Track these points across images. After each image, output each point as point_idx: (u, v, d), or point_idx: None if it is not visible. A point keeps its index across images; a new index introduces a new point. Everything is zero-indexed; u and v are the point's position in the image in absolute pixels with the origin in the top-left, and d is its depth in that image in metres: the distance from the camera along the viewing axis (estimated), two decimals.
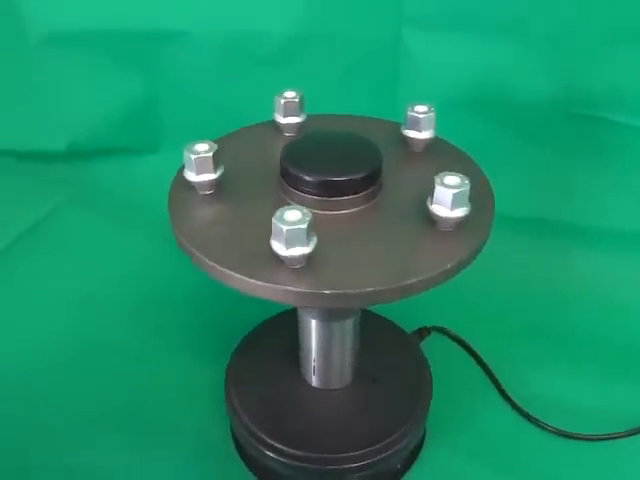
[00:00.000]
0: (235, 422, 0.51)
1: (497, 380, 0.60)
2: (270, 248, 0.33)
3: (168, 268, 0.72)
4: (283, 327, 0.55)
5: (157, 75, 0.80)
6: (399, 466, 0.52)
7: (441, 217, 0.36)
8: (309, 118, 0.49)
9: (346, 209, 0.39)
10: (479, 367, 0.61)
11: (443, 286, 0.37)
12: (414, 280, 0.33)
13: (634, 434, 0.54)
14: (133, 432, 0.55)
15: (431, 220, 0.37)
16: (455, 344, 0.64)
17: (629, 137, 0.66)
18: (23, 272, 0.74)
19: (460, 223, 0.37)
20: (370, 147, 0.41)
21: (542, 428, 0.55)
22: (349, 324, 0.49)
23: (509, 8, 0.62)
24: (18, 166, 0.90)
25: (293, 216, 0.33)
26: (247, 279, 0.34)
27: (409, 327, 0.61)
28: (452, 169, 0.37)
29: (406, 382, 0.54)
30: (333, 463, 0.48)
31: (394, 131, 0.47)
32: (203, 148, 0.39)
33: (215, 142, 0.41)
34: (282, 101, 0.47)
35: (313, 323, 0.48)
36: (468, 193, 0.35)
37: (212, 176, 0.40)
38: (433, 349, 0.59)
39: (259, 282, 0.33)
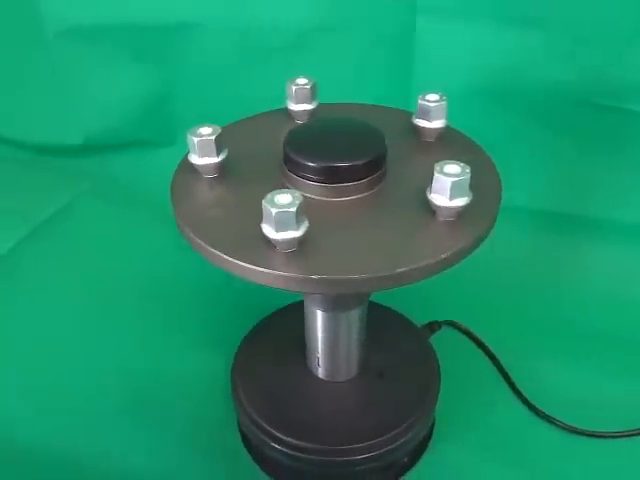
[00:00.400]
0: (241, 413, 0.52)
1: (508, 374, 0.59)
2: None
3: (183, 261, 0.71)
4: (291, 319, 0.54)
5: (173, 68, 0.80)
6: (406, 460, 0.52)
7: (440, 206, 0.35)
8: (321, 106, 0.48)
9: (347, 196, 0.38)
10: (490, 361, 0.61)
11: (454, 280, 0.36)
12: (405, 269, 0.32)
13: None
14: (140, 423, 0.55)
15: (431, 210, 0.36)
16: (466, 338, 0.63)
17: None
18: (40, 263, 0.75)
19: (461, 213, 0.36)
20: (374, 134, 0.41)
21: (552, 423, 0.55)
22: (355, 315, 0.48)
23: None
24: (35, 159, 0.92)
25: (283, 199, 0.32)
26: (237, 262, 0.34)
27: (421, 320, 0.60)
28: (460, 159, 0.35)
29: (413, 375, 0.53)
30: (339, 455, 0.48)
31: (406, 120, 0.46)
32: (206, 131, 0.40)
33: (225, 127, 0.41)
34: (294, 88, 0.47)
35: (319, 314, 0.48)
36: (468, 182, 0.34)
37: (215, 159, 0.40)
38: (444, 343, 0.58)
39: (249, 265, 0.33)
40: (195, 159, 0.40)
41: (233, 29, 0.74)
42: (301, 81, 0.47)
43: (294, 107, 0.48)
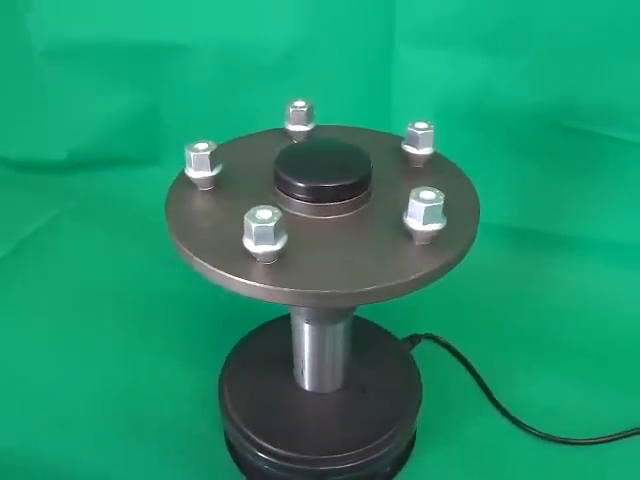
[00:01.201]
0: (226, 422, 0.53)
1: (487, 386, 0.60)
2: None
3: (167, 279, 0.73)
4: (279, 331, 0.56)
5: (158, 87, 0.82)
6: (388, 469, 0.53)
7: (415, 230, 0.37)
8: (317, 128, 0.51)
9: (330, 215, 0.40)
10: (469, 374, 0.62)
11: (434, 295, 0.37)
12: (373, 287, 0.34)
13: (620, 438, 0.55)
14: (123, 437, 0.56)
15: (408, 233, 0.38)
16: (445, 351, 0.65)
17: (619, 150, 0.68)
18: (22, 281, 0.75)
19: (436, 237, 0.37)
20: (361, 157, 0.43)
21: (531, 433, 0.56)
22: (340, 329, 0.50)
23: (501, 24, 0.64)
24: (19, 175, 0.92)
25: (264, 215, 0.35)
26: (220, 272, 0.36)
27: (401, 334, 0.62)
28: (443, 185, 0.37)
29: (396, 387, 0.55)
30: (323, 464, 0.49)
31: (398, 146, 0.48)
32: (203, 147, 0.42)
33: (225, 143, 0.43)
34: (291, 109, 0.49)
35: (305, 327, 0.49)
36: (441, 208, 0.36)
37: (209, 173, 0.42)
38: (424, 356, 0.60)
39: (230, 275, 0.35)
40: (191, 172, 0.43)
41: (218, 48, 0.76)
42: (298, 103, 0.49)
43: (291, 127, 0.50)
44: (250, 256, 0.36)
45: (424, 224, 0.36)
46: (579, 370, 0.62)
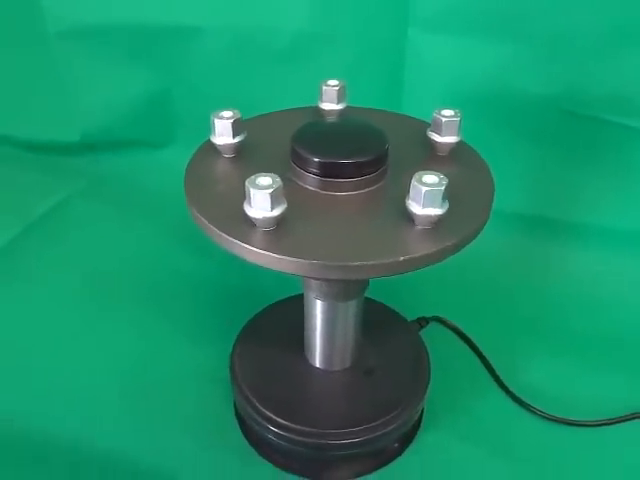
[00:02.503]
0: (237, 394, 0.54)
1: (493, 368, 0.62)
2: None
3: (178, 259, 0.74)
4: (291, 310, 0.57)
5: (171, 69, 0.82)
6: (397, 445, 0.54)
7: (414, 213, 0.37)
8: (347, 108, 0.51)
9: (341, 192, 0.41)
10: (476, 356, 0.64)
11: (443, 278, 0.38)
12: (359, 263, 0.35)
13: (625, 420, 0.57)
14: (139, 411, 0.57)
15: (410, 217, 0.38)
16: (452, 333, 0.66)
17: (631, 138, 0.68)
18: (34, 261, 0.75)
19: (439, 222, 0.37)
20: (377, 138, 0.43)
21: (535, 414, 0.58)
22: (352, 306, 0.51)
23: (515, 10, 0.64)
24: (30, 157, 0.93)
25: (264, 182, 0.36)
26: (220, 232, 0.37)
27: (409, 316, 0.63)
28: (461, 174, 0.38)
29: (405, 365, 0.56)
30: (330, 438, 0.50)
31: (424, 132, 0.48)
32: (227, 115, 0.44)
33: (257, 117, 0.45)
34: (324, 88, 0.50)
35: (317, 303, 0.50)
36: (442, 193, 0.36)
37: (230, 140, 0.44)
38: (431, 338, 0.60)
39: (228, 237, 0.37)
40: (214, 138, 0.45)
41: (230, 31, 0.77)
42: (332, 82, 0.50)
43: (323, 105, 0.51)
44: (250, 221, 0.37)
45: (423, 207, 0.36)
46: (584, 355, 0.64)
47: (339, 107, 0.51)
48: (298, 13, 0.73)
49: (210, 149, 0.46)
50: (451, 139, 0.45)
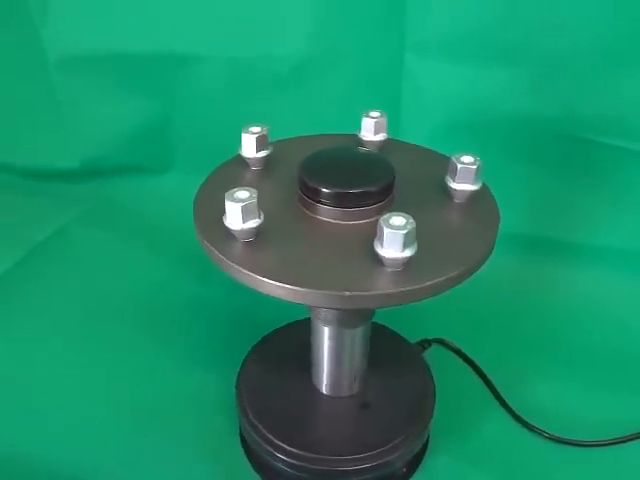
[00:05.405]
0: (243, 420, 0.54)
1: (496, 389, 0.62)
2: None
3: (179, 285, 0.75)
4: (297, 334, 0.57)
5: (170, 97, 0.84)
6: (405, 470, 0.54)
7: (378, 253, 0.37)
8: (387, 140, 0.52)
9: (329, 218, 0.42)
10: (478, 377, 0.64)
11: (444, 300, 0.38)
12: (309, 291, 0.36)
13: (629, 440, 0.57)
14: (143, 436, 0.57)
15: None
16: (455, 355, 0.66)
17: (625, 159, 0.69)
18: (34, 287, 0.75)
19: (406, 265, 0.37)
20: (384, 171, 0.43)
21: (540, 435, 0.58)
22: (359, 333, 0.51)
23: (510, 37, 0.65)
24: (30, 184, 0.93)
25: (241, 195, 0.38)
26: (206, 242, 0.40)
27: (411, 339, 0.64)
28: (465, 225, 0.39)
29: (411, 389, 0.56)
30: (338, 465, 0.50)
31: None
32: (255, 130, 0.48)
33: (296, 137, 0.49)
34: (364, 118, 0.51)
35: (325, 330, 0.51)
36: (403, 237, 0.35)
37: (253, 154, 0.48)
38: (434, 360, 0.61)
39: (212, 247, 0.40)
40: (241, 150, 0.48)
41: (228, 59, 0.77)
42: (373, 114, 0.51)
43: (362, 135, 0.52)
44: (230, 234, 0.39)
45: (384, 248, 0.36)
46: (587, 375, 0.64)
47: (377, 138, 0.51)
48: (295, 40, 0.74)
49: (239, 162, 0.49)
50: (465, 187, 0.44)
